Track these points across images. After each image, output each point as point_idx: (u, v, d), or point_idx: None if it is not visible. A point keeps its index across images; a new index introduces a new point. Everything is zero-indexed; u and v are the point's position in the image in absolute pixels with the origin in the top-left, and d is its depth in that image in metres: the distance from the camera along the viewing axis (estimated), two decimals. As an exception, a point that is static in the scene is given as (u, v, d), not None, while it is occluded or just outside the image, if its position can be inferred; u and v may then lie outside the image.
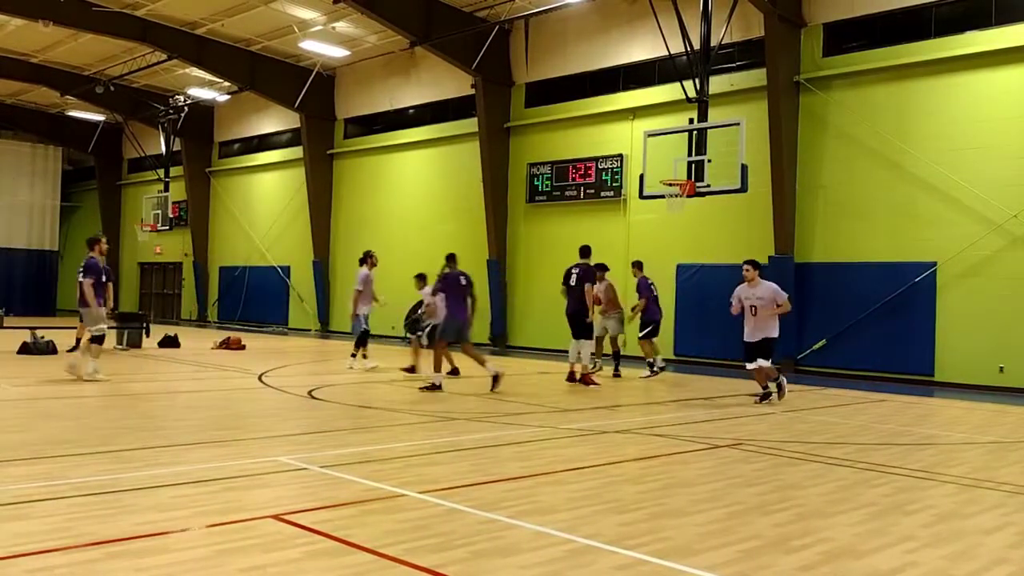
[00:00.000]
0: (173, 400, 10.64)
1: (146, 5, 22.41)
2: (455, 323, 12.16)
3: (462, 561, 4.27)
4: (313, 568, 4.13)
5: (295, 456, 6.88)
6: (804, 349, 16.94)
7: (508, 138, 22.26)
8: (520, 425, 9.07)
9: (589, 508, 5.47)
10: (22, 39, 25.30)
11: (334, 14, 21.79)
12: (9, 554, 4.15)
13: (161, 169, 31.75)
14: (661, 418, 10.30)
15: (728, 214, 17.64)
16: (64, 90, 28.92)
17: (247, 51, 25.40)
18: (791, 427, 9.60)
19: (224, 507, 5.28)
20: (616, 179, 19.90)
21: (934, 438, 9.18)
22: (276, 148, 29.73)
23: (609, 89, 20.39)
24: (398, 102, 25.33)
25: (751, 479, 6.57)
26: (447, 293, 12.20)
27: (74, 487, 5.58)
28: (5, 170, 34.76)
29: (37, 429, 7.97)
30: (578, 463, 7.06)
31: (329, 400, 10.80)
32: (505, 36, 22.07)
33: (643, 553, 4.49)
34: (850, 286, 16.42)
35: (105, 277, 12.50)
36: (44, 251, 35.87)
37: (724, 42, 16.91)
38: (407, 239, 24.73)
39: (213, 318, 31.90)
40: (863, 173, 16.41)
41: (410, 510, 5.30)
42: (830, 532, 5.07)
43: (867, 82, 16.42)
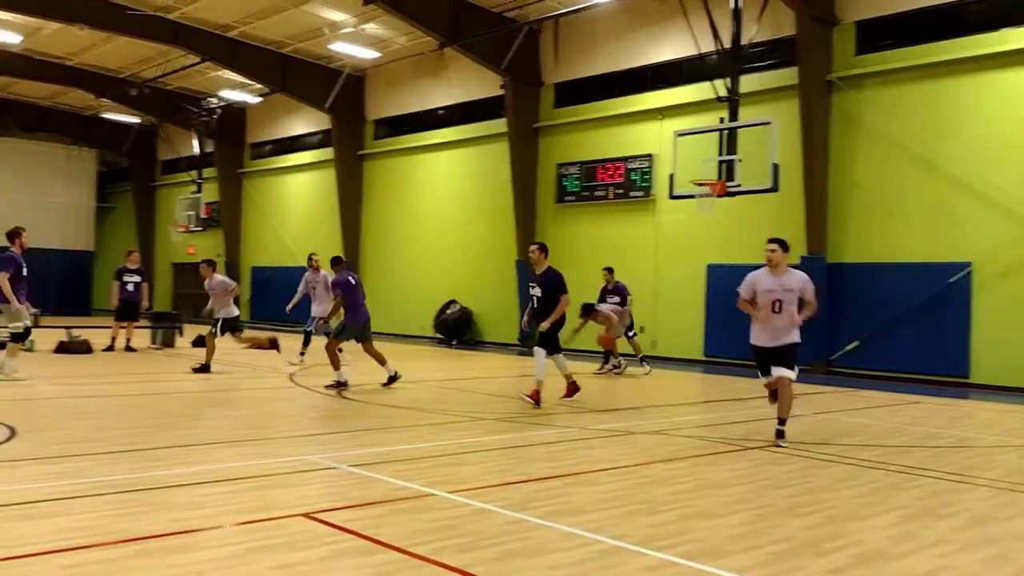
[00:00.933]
0: (205, 399, 10.75)
1: (179, 8, 22.66)
2: (356, 325, 12.19)
3: (491, 561, 4.27)
4: (342, 566, 4.15)
5: (324, 455, 6.92)
6: (836, 350, 16.76)
7: (537, 138, 22.24)
8: (548, 425, 9.06)
9: (618, 509, 5.45)
10: (58, 42, 25.69)
11: (364, 16, 21.90)
12: (44, 550, 4.22)
13: (194, 170, 32.09)
14: (691, 419, 10.24)
15: (759, 214, 17.50)
16: (99, 93, 29.33)
17: (278, 53, 25.61)
18: (823, 429, 9.50)
19: (254, 505, 5.33)
20: (645, 179, 19.81)
21: (968, 441, 9.04)
22: (307, 149, 29.93)
23: (639, 89, 20.30)
24: (427, 103, 25.41)
25: (782, 481, 6.51)
26: (345, 296, 12.21)
27: (107, 485, 5.65)
28: (41, 172, 35.32)
29: (72, 427, 8.09)
30: (607, 464, 7.03)
31: (358, 400, 10.85)
32: (534, 36, 22.06)
33: (672, 555, 4.47)
34: (883, 287, 16.22)
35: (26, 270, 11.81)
36: (80, 252, 36.39)
37: (755, 41, 16.77)
38: (436, 240, 24.80)
39: (245, 318, 32.18)
40: (897, 172, 16.20)
41: (438, 509, 5.31)
42: (862, 535, 5.01)
43: (901, 80, 16.21)
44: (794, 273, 8.41)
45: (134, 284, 17.29)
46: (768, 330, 8.34)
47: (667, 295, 19.39)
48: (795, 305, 8.22)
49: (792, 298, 8.23)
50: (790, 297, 8.23)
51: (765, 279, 8.38)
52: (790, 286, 8.25)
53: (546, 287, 10.61)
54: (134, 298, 17.28)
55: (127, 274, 17.32)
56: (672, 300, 19.26)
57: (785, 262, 8.43)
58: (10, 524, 4.67)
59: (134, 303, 17.31)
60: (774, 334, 8.31)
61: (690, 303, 18.75)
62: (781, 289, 8.25)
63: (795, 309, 8.21)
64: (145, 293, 17.68)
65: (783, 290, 8.24)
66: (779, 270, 8.37)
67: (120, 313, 17.17)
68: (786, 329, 8.27)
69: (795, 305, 8.22)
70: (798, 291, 8.25)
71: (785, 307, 8.24)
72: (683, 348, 18.85)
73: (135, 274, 17.42)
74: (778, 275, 8.34)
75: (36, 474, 5.98)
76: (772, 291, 8.27)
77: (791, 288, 8.24)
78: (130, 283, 17.25)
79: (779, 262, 8.38)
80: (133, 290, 17.26)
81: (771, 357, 8.36)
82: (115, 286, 17.21)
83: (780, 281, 8.29)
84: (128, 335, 17.14)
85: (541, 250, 10.87)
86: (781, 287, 8.25)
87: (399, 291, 25.75)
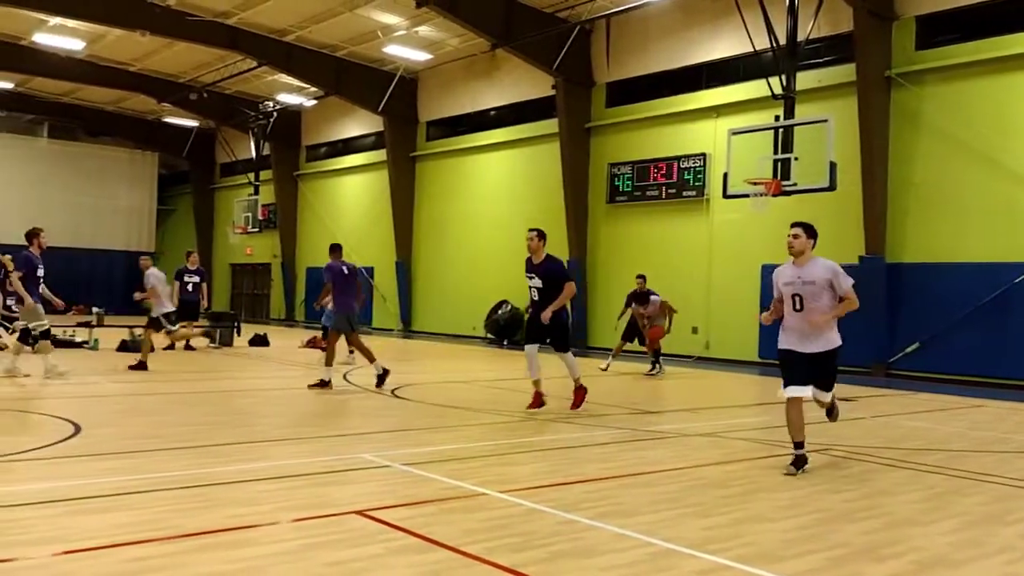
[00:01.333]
0: (261, 397, 10.92)
1: (237, 14, 23.09)
2: (345, 315, 11.90)
3: (542, 561, 4.27)
4: (395, 564, 4.19)
5: (378, 453, 6.99)
6: (896, 352, 16.39)
7: (588, 138, 22.18)
8: (600, 426, 9.02)
9: (670, 511, 5.41)
10: (121, 49, 26.36)
11: (417, 18, 22.07)
12: (105, 544, 4.33)
13: (251, 173, 32.70)
14: (745, 422, 10.11)
15: (815, 213, 17.11)
16: (160, 97, 30.04)
17: (333, 57, 25.93)
18: (881, 432, 9.30)
19: (310, 502, 5.41)
20: (699, 179, 19.63)
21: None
22: (360, 151, 30.27)
23: (692, 87, 20.12)
24: (479, 104, 25.51)
25: (838, 485, 6.40)
26: (335, 283, 11.93)
27: (167, 481, 5.78)
28: (106, 175, 36.26)
29: (133, 424, 8.29)
30: (659, 466, 6.98)
31: (411, 399, 10.93)
32: (586, 36, 22.00)
33: (726, 558, 4.42)
34: (945, 287, 15.83)
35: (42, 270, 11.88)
36: (141, 253, 37.10)
37: (811, 37, 16.50)
38: (487, 240, 24.87)
39: (300, 317, 32.66)
40: (958, 170, 15.80)
41: (490, 509, 5.32)
42: (922, 541, 4.90)
43: (962, 76, 15.80)
44: (817, 262, 6.94)
45: (194, 284, 17.67)
46: (794, 332, 6.94)
47: (720, 296, 19.18)
48: (823, 301, 6.80)
49: (816, 293, 6.80)
50: (812, 291, 6.81)
51: (785, 270, 7.08)
52: (810, 278, 6.83)
53: (547, 277, 9.74)
54: (194, 298, 17.67)
55: (187, 275, 17.71)
56: (725, 301, 19.05)
57: (810, 250, 7.00)
58: (72, 518, 4.81)
59: (194, 303, 17.70)
60: (802, 338, 6.89)
61: (744, 304, 18.51)
62: (800, 282, 6.86)
63: (824, 306, 6.80)
64: (204, 293, 18.07)
65: (802, 283, 6.85)
66: (802, 259, 6.98)
67: (180, 313, 17.55)
68: (815, 332, 6.82)
69: (823, 301, 6.80)
70: (822, 284, 6.81)
71: (808, 303, 6.80)
72: (737, 350, 18.63)
73: (195, 275, 17.80)
74: (800, 265, 6.97)
75: (97, 469, 6.15)
76: (790, 284, 6.94)
77: (811, 280, 6.82)
78: (190, 283, 17.63)
79: (801, 249, 6.97)
80: (193, 290, 17.64)
81: (805, 367, 6.90)
82: (175, 286, 17.61)
83: (800, 272, 6.92)
84: (189, 336, 17.50)
85: (540, 237, 9.90)
86: (800, 279, 6.87)
87: (451, 292, 25.91)
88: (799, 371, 6.88)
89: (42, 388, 10.98)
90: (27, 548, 4.22)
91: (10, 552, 4.16)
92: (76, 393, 10.52)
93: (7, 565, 3.99)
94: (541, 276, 9.75)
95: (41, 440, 7.07)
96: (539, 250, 9.88)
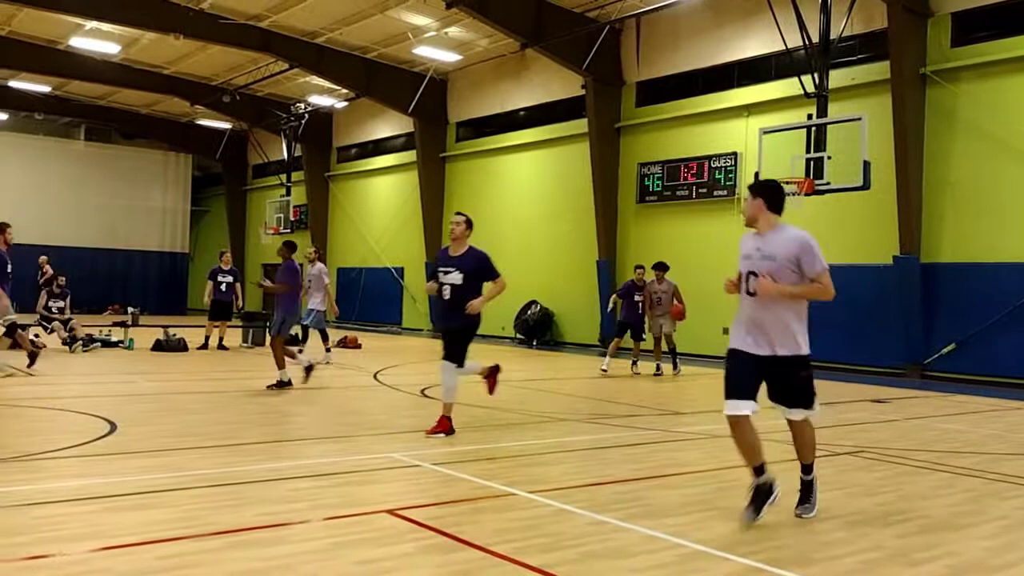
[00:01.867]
0: (293, 396, 11.01)
1: (269, 17, 23.30)
2: (293, 316, 11.75)
3: (572, 562, 4.26)
4: (425, 563, 4.20)
5: (408, 453, 7.02)
6: (931, 354, 16.15)
7: (618, 138, 22.11)
8: (630, 427, 8.99)
9: (701, 513, 5.38)
10: (155, 52, 26.70)
11: (447, 19, 22.13)
12: (140, 540, 4.39)
13: (283, 174, 32.97)
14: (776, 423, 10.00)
15: (849, 212, 17.02)
16: (194, 100, 30.38)
17: (363, 58, 26.08)
18: (916, 435, 9.18)
19: (340, 501, 5.44)
20: (730, 178, 19.49)
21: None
22: (391, 152, 30.41)
23: (723, 86, 19.98)
24: (508, 104, 25.52)
25: (872, 488, 6.32)
26: (291, 283, 11.85)
27: (199, 478, 5.85)
28: (141, 177, 36.75)
29: (167, 422, 8.40)
30: (690, 467, 6.94)
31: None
32: (616, 35, 21.92)
33: (757, 560, 4.38)
34: (981, 287, 15.57)
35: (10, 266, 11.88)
36: (175, 253, 37.73)
37: (844, 35, 16.32)
38: (517, 240, 24.86)
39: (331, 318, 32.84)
40: (995, 169, 15.54)
41: (520, 509, 5.32)
42: (958, 545, 4.83)
43: (999, 73, 15.54)
44: (784, 232, 5.27)
45: (227, 284, 17.87)
46: (744, 326, 5.25)
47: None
48: (784, 284, 5.12)
49: (776, 272, 5.12)
50: (771, 270, 5.12)
51: (747, 240, 5.42)
52: (770, 251, 5.17)
53: (470, 272, 8.09)
54: (227, 298, 17.87)
55: (220, 275, 17.91)
56: (757, 301, 18.87)
57: (769, 215, 5.33)
58: (108, 515, 4.88)
59: (227, 303, 17.90)
60: (754, 332, 5.18)
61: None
62: (758, 255, 5.22)
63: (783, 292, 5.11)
64: (238, 293, 18.27)
65: (760, 256, 5.20)
66: (763, 227, 5.33)
67: (213, 312, 17.77)
68: (773, 326, 5.13)
69: (784, 284, 5.12)
70: (785, 261, 5.13)
71: (763, 287, 5.12)
72: (769, 350, 18.45)
73: (228, 275, 17.99)
74: (762, 234, 5.34)
75: (132, 467, 6.23)
76: (748, 257, 5.31)
77: (771, 255, 5.16)
78: (223, 283, 17.84)
79: (753, 215, 5.35)
80: (226, 290, 17.84)
81: (753, 375, 5.16)
82: (209, 286, 17.81)
83: (760, 243, 5.27)
84: (221, 333, 17.70)
85: (468, 225, 8.32)
86: (759, 252, 5.22)
87: (481, 292, 25.92)
88: (745, 380, 5.14)
89: (79, 387, 11.15)
90: (64, 544, 4.29)
91: (47, 548, 4.23)
92: (112, 392, 10.68)
93: (45, 561, 4.06)
94: (463, 270, 8.08)
95: (78, 438, 7.19)
96: (463, 239, 8.29)
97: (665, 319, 15.02)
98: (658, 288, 15.06)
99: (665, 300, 14.96)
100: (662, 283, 15.09)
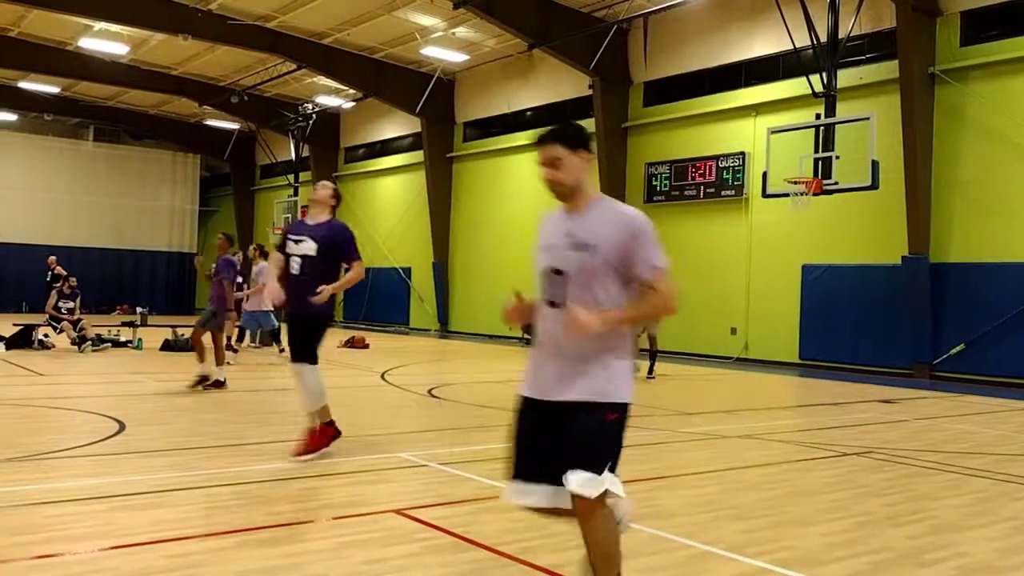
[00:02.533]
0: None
1: (277, 17, 23.34)
2: (224, 312, 11.40)
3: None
4: (432, 563, 4.20)
5: (415, 453, 7.02)
6: (940, 354, 16.10)
7: (626, 138, 22.09)
8: (637, 428, 8.98)
9: (708, 514, 5.37)
10: (164, 53, 26.78)
11: (455, 20, 22.14)
12: (150, 540, 4.40)
13: (291, 175, 33.04)
14: (784, 423, 10.01)
15: (857, 212, 16.97)
16: (202, 100, 30.46)
17: (371, 59, 26.11)
18: (925, 435, 9.15)
19: (348, 501, 5.45)
20: (738, 178, 19.45)
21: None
22: (398, 152, 30.45)
23: (730, 86, 19.94)
24: (515, 105, 25.52)
25: (881, 489, 6.30)
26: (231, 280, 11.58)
27: (208, 478, 5.86)
28: (149, 177, 36.88)
29: (175, 422, 8.42)
30: (697, 468, 6.93)
31: (448, 399, 10.97)
32: (623, 35, 21.90)
33: (765, 561, 4.37)
34: (991, 287, 15.51)
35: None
36: (184, 253, 37.83)
37: (853, 34, 16.27)
38: (524, 240, 24.83)
39: (339, 318, 32.92)
40: (1004, 168, 15.48)
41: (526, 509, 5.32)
42: (967, 546, 4.81)
43: (1009, 72, 15.47)
44: (605, 207, 3.45)
45: (237, 285, 17.87)
46: (542, 353, 3.49)
47: (759, 296, 18.98)
48: (602, 291, 3.35)
49: (593, 270, 3.35)
50: (586, 266, 3.35)
51: (551, 221, 3.58)
52: (587, 237, 3.37)
53: (324, 242, 6.73)
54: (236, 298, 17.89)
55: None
56: (765, 302, 18.84)
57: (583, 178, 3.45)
58: (116, 514, 4.89)
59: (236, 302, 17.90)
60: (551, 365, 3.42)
61: (784, 304, 18.30)
62: (567, 243, 3.40)
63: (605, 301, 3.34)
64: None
65: (571, 244, 3.39)
66: (575, 203, 3.47)
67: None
68: (579, 352, 3.36)
69: (602, 291, 3.35)
70: (609, 252, 3.34)
71: (573, 290, 3.36)
72: (777, 351, 18.42)
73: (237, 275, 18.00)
74: (574, 213, 3.47)
75: (141, 467, 6.25)
76: (551, 247, 3.48)
77: (588, 243, 3.35)
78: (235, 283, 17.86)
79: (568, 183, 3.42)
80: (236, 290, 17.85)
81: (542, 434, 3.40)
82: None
83: (571, 225, 3.44)
84: (229, 333, 17.71)
85: (335, 195, 7.11)
86: (570, 239, 3.40)
87: (488, 291, 25.93)
88: (532, 445, 3.42)
89: (88, 387, 11.19)
90: (72, 543, 4.30)
91: (56, 547, 4.24)
92: (121, 392, 10.71)
93: (54, 560, 4.07)
94: (318, 240, 6.72)
95: (86, 438, 7.21)
96: (325, 206, 7.00)
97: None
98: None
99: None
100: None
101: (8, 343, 15.72)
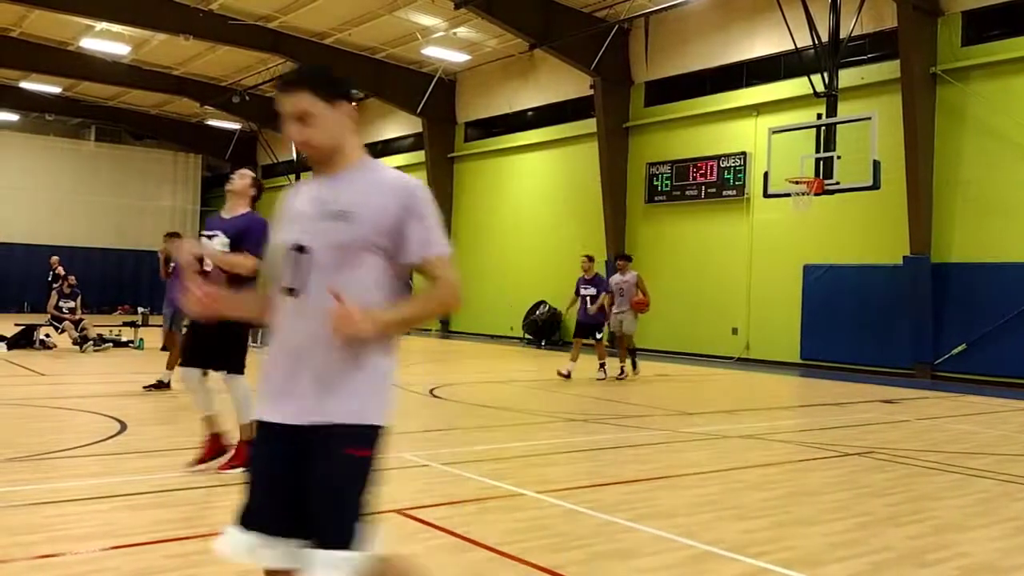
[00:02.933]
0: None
1: (278, 17, 23.35)
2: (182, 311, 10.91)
3: (580, 563, 4.26)
4: (434, 563, 4.20)
5: (418, 453, 7.02)
6: (942, 354, 16.09)
7: (627, 138, 22.09)
8: (639, 428, 8.98)
9: (710, 514, 5.36)
10: (165, 53, 26.79)
11: (456, 20, 22.14)
12: (150, 539, 4.40)
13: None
14: (786, 424, 10.00)
15: (858, 212, 16.96)
16: (203, 100, 30.49)
17: (372, 59, 26.11)
18: (927, 435, 9.14)
19: (349, 501, 5.44)
20: (739, 178, 19.44)
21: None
22: (399, 152, 30.45)
23: (732, 86, 19.94)
24: (517, 105, 25.53)
25: (882, 489, 6.29)
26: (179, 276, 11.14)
27: (209, 478, 5.86)
28: (151, 177, 36.90)
29: (175, 421, 8.42)
30: (699, 468, 6.93)
31: (450, 399, 10.97)
32: (624, 35, 21.90)
33: (767, 562, 4.37)
34: (993, 288, 15.49)
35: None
36: (186, 254, 37.87)
37: (854, 34, 16.26)
38: (525, 240, 24.88)
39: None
40: (1007, 168, 15.46)
41: (529, 509, 5.32)
42: (969, 547, 4.80)
43: (1011, 72, 15.46)
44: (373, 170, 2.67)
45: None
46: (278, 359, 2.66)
47: (761, 296, 18.98)
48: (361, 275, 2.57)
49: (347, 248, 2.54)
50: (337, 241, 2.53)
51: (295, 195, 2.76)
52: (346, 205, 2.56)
53: (239, 240, 6.02)
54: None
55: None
56: (766, 301, 18.84)
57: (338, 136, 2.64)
58: (117, 514, 4.90)
59: None
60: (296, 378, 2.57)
61: (785, 304, 18.29)
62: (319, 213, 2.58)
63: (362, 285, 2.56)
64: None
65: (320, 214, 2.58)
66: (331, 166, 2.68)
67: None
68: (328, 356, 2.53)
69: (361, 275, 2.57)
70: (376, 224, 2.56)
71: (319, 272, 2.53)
72: (778, 351, 18.41)
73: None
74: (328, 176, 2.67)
75: (142, 467, 6.25)
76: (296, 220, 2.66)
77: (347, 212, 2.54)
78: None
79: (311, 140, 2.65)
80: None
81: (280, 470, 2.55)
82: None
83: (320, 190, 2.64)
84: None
85: (255, 184, 6.47)
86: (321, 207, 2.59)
87: (489, 292, 25.94)
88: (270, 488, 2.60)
89: (89, 387, 11.19)
90: (74, 543, 4.30)
91: (57, 547, 4.24)
92: (122, 392, 10.71)
93: (55, 560, 4.07)
94: (230, 235, 6.05)
95: (88, 438, 7.22)
96: (243, 197, 6.36)
97: (626, 315, 13.90)
98: (620, 279, 14.04)
99: (627, 292, 13.88)
100: (625, 274, 14.06)
101: (10, 343, 15.75)
